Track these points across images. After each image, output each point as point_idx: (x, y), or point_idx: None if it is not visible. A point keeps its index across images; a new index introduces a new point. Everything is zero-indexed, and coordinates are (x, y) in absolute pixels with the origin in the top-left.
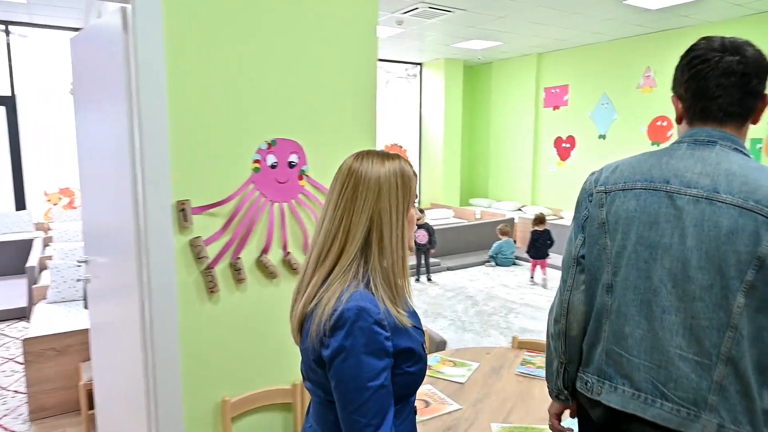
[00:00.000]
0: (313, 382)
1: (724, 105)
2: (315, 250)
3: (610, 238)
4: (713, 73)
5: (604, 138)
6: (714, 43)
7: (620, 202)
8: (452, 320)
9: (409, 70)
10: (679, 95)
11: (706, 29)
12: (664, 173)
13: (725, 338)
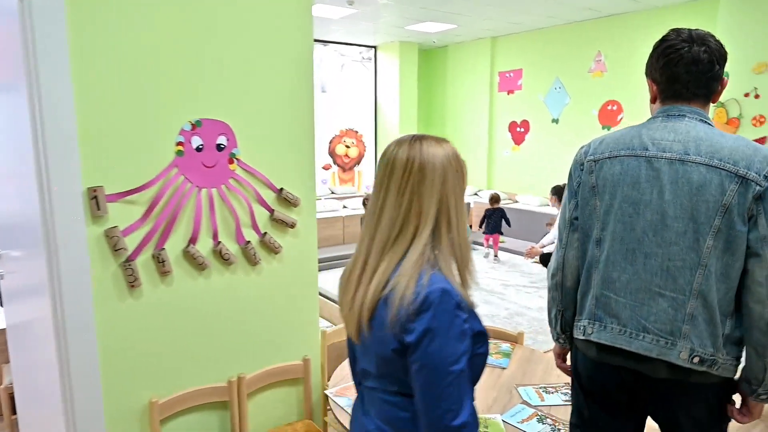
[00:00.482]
0: (385, 376)
1: (693, 88)
2: (378, 236)
3: (599, 199)
4: (683, 61)
5: (557, 122)
6: (683, 34)
7: (607, 168)
8: None
9: (363, 53)
10: (654, 79)
11: (651, 14)
12: (643, 142)
13: (696, 275)
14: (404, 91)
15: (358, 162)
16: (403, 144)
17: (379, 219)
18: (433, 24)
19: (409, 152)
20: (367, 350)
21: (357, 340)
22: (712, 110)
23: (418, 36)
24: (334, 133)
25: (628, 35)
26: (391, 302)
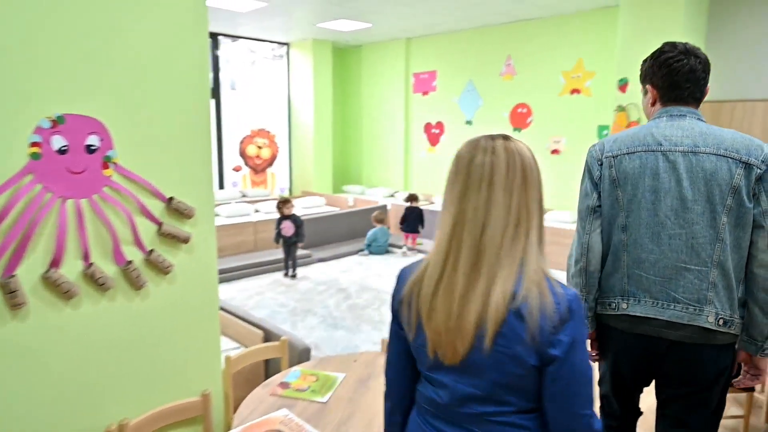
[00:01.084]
0: (512, 390)
1: (691, 93)
2: (489, 241)
3: (622, 191)
4: (683, 70)
5: (470, 124)
6: (679, 47)
7: (627, 163)
8: (323, 317)
9: (275, 50)
10: (655, 85)
11: (557, 21)
12: (656, 139)
13: (716, 249)
14: (318, 90)
15: (271, 163)
16: (496, 143)
17: (485, 222)
18: (347, 22)
19: (508, 152)
20: (475, 370)
21: (455, 360)
22: (612, 115)
23: (332, 34)
24: (245, 133)
25: (536, 40)
26: (528, 314)
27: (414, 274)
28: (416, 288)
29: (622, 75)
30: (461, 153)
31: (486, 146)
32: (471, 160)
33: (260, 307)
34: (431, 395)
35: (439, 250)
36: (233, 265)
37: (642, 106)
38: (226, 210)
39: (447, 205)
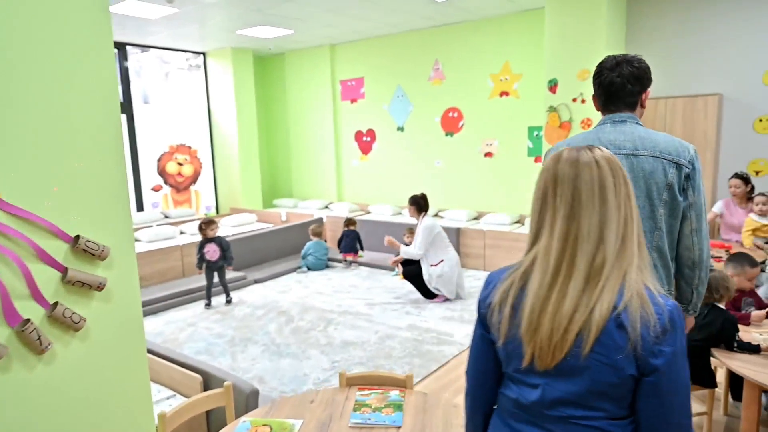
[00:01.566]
0: (605, 397)
1: (628, 100)
2: (606, 251)
3: None
4: (612, 83)
5: (402, 130)
6: (610, 61)
7: None
8: (265, 345)
9: (191, 60)
10: (595, 95)
11: (483, 24)
12: (603, 142)
13: (654, 236)
14: (241, 102)
15: (194, 181)
16: (594, 153)
17: (599, 240)
18: (267, 29)
19: (610, 163)
20: (569, 375)
21: (551, 364)
22: (545, 115)
23: (252, 42)
24: (163, 150)
25: (463, 44)
26: (630, 324)
27: (505, 282)
28: (510, 298)
29: (550, 76)
30: (562, 170)
31: (589, 161)
32: (577, 176)
33: (194, 340)
34: (516, 396)
35: (545, 269)
36: (159, 295)
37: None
38: (147, 234)
39: (549, 224)
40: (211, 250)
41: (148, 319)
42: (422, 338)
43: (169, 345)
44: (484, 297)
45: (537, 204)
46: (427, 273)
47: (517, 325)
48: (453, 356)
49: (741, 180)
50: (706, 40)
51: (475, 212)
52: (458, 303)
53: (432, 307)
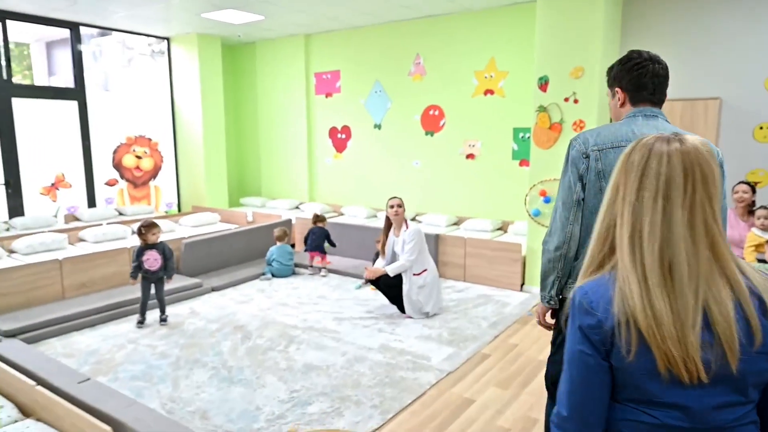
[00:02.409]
0: (757, 387)
1: (657, 95)
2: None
3: (606, 182)
4: (649, 74)
5: (379, 127)
6: (644, 54)
7: (612, 156)
8: (215, 368)
9: (153, 45)
10: (624, 87)
11: (469, 17)
12: (637, 135)
13: None
14: (207, 92)
15: (155, 175)
16: (685, 144)
17: (710, 226)
18: (234, 12)
19: (701, 155)
20: (730, 379)
21: (705, 376)
22: (534, 115)
23: (219, 27)
24: (120, 141)
25: (446, 37)
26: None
27: (619, 299)
28: (640, 313)
29: (541, 73)
30: (651, 162)
31: (688, 149)
32: (673, 168)
33: (132, 361)
34: (663, 421)
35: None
36: (100, 305)
37: (610, 106)
38: (93, 233)
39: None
40: (152, 258)
41: (84, 333)
42: (395, 362)
43: (102, 367)
44: (596, 322)
45: (614, 195)
46: (408, 283)
47: (665, 342)
48: (431, 385)
49: (749, 186)
50: (706, 40)
51: (455, 217)
52: (436, 320)
53: (408, 323)
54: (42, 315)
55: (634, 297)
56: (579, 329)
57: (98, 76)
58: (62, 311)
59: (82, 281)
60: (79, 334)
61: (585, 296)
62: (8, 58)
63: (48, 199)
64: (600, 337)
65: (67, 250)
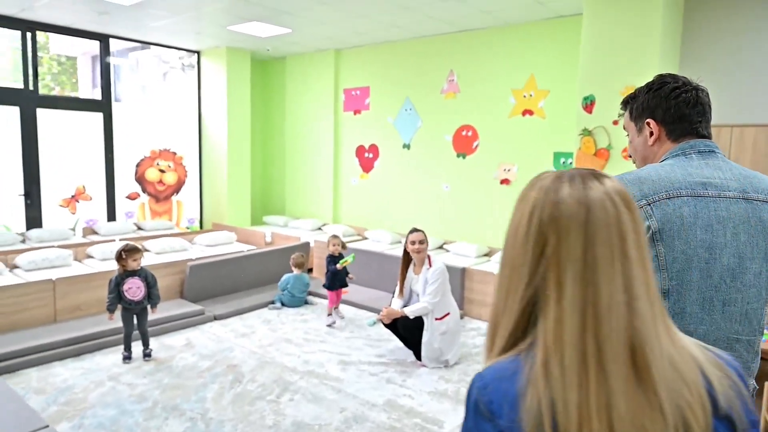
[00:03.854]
0: None
1: (705, 124)
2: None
3: (665, 246)
4: (692, 102)
5: (408, 147)
6: (681, 79)
7: (672, 209)
8: (192, 421)
9: (184, 59)
10: (659, 119)
11: (508, 31)
12: (699, 180)
13: (765, 313)
14: (234, 106)
15: (177, 190)
16: (605, 185)
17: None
18: (261, 25)
19: (626, 201)
20: None
21: None
22: (578, 140)
23: (249, 41)
24: (144, 154)
25: (482, 53)
26: (732, 409)
27: (528, 398)
28: (547, 420)
29: (586, 93)
30: (564, 209)
31: (601, 197)
32: (588, 221)
33: (103, 403)
34: None
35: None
36: (89, 332)
37: (635, 145)
38: (101, 250)
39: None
40: (134, 286)
41: (66, 365)
42: (401, 426)
43: (69, 410)
44: (497, 431)
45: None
46: (430, 330)
47: None
48: None
49: None
50: None
51: (486, 247)
52: (455, 370)
53: (422, 373)
54: (25, 341)
55: (572, 408)
56: None
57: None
58: (48, 338)
59: (76, 304)
60: (60, 365)
61: (483, 390)
62: (35, 68)
63: (67, 211)
64: None
65: (71, 268)
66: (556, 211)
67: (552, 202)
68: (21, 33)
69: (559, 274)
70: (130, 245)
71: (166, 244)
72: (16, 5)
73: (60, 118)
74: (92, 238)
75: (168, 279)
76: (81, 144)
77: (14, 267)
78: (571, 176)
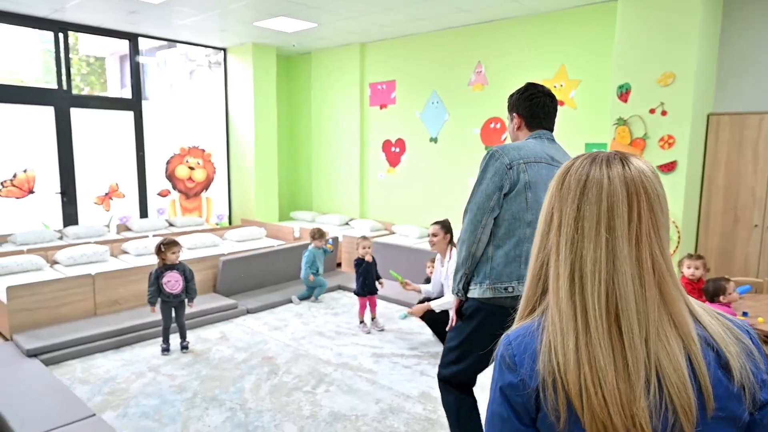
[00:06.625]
0: None
1: (550, 121)
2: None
3: (531, 192)
4: (544, 105)
5: (435, 141)
6: (540, 88)
7: (536, 170)
8: (232, 410)
9: (211, 56)
10: (521, 114)
11: (537, 21)
12: (549, 154)
13: None
14: (260, 102)
15: (206, 187)
16: (625, 169)
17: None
18: (287, 20)
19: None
20: None
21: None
22: (612, 129)
23: (274, 37)
24: (173, 152)
25: (511, 44)
26: (734, 364)
27: (547, 350)
28: (575, 371)
29: (621, 81)
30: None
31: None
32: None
33: (146, 393)
34: None
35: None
36: (128, 325)
37: (509, 129)
38: (135, 246)
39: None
40: (173, 280)
41: (107, 356)
42: (436, 417)
43: (114, 400)
44: (518, 381)
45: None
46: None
47: (593, 408)
48: None
49: None
50: None
51: None
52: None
53: None
54: (68, 334)
55: (568, 351)
56: (499, 389)
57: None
58: (89, 330)
59: (114, 298)
60: (102, 357)
61: (508, 346)
62: (68, 68)
63: (101, 208)
64: (522, 400)
65: (108, 263)
66: (562, 186)
67: (561, 177)
68: (54, 34)
69: (558, 239)
70: (169, 239)
71: (198, 240)
72: (49, 7)
73: (92, 118)
74: (126, 234)
75: (201, 274)
76: (113, 142)
77: (54, 263)
78: (594, 157)
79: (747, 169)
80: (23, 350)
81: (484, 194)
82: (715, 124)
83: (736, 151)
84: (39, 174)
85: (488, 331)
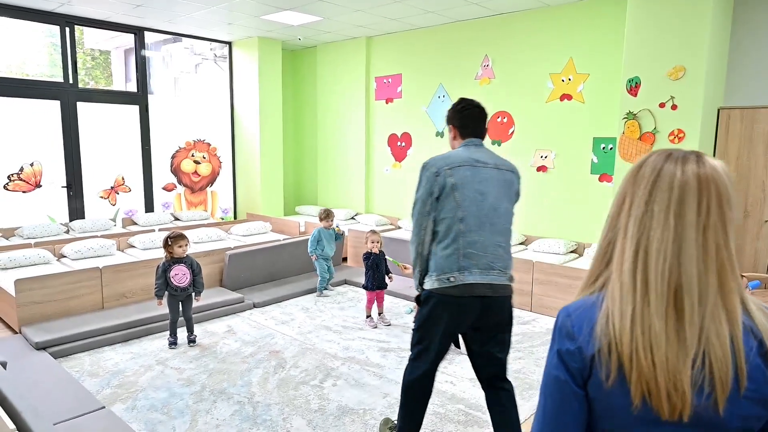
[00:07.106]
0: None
1: (479, 131)
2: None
3: (459, 192)
4: (473, 116)
5: (442, 135)
6: (471, 102)
7: (462, 172)
8: (240, 403)
9: (216, 50)
10: (455, 125)
11: (546, 13)
12: (474, 158)
13: (510, 231)
14: (265, 96)
15: (212, 181)
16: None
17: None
18: (293, 14)
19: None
20: (709, 422)
21: (689, 414)
22: (621, 124)
23: (280, 31)
24: (178, 146)
25: (519, 37)
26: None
27: (604, 321)
28: (629, 335)
29: (631, 74)
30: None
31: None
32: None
33: (154, 386)
34: None
35: (653, 291)
36: (136, 318)
37: (448, 139)
38: (141, 240)
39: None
40: (180, 273)
41: (116, 349)
42: (444, 411)
43: (123, 393)
44: (575, 348)
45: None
46: None
47: (644, 371)
48: None
49: None
50: None
51: (522, 236)
52: None
53: (462, 360)
54: (76, 327)
55: (625, 317)
56: (557, 353)
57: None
58: (97, 324)
59: (121, 291)
60: (110, 350)
61: (567, 318)
62: (75, 62)
63: (107, 202)
64: (578, 365)
65: (114, 257)
66: (637, 175)
67: (636, 167)
68: (60, 28)
69: (627, 221)
70: (176, 232)
71: (204, 234)
72: (55, 0)
73: (98, 112)
74: (131, 228)
75: (207, 268)
76: (118, 136)
77: (62, 256)
78: (669, 153)
79: (758, 163)
80: (32, 343)
81: (421, 201)
82: (726, 118)
83: (747, 146)
84: (45, 168)
85: (439, 315)
